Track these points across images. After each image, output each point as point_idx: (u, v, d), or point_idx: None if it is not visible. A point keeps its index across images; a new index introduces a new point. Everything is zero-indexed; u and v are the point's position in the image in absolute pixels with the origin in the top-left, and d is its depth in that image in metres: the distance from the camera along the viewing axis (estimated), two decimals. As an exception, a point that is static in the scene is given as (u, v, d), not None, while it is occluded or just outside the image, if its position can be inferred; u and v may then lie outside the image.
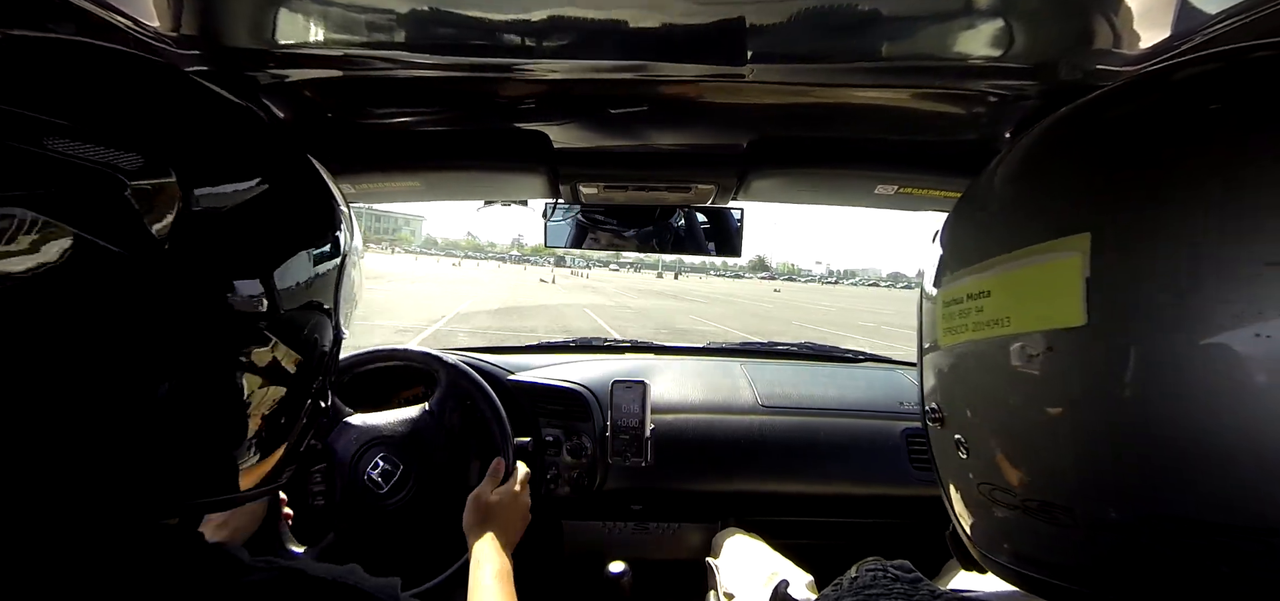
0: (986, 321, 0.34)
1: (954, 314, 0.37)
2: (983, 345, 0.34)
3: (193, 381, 0.34)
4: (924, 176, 1.05)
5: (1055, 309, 0.29)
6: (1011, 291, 0.32)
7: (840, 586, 0.46)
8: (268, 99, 0.86)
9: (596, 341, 1.77)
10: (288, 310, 0.39)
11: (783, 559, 1.02)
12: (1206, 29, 0.59)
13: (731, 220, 1.24)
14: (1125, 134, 0.31)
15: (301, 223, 0.42)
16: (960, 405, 0.38)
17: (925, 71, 0.74)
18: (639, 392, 1.26)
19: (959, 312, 0.36)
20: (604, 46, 0.70)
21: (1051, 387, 0.30)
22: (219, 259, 0.34)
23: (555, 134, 0.99)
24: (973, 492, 0.38)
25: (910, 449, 1.28)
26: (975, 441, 0.36)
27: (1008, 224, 0.35)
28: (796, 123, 0.94)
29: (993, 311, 0.33)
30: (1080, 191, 0.31)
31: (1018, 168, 0.38)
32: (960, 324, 0.36)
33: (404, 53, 0.72)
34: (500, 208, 1.31)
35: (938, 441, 0.42)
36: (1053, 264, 0.29)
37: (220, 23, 0.66)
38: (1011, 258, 0.32)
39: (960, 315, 0.36)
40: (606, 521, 1.36)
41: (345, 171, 1.06)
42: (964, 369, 0.37)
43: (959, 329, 0.36)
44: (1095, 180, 0.30)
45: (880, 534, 1.32)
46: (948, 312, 0.37)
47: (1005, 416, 0.34)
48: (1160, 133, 0.29)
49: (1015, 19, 0.62)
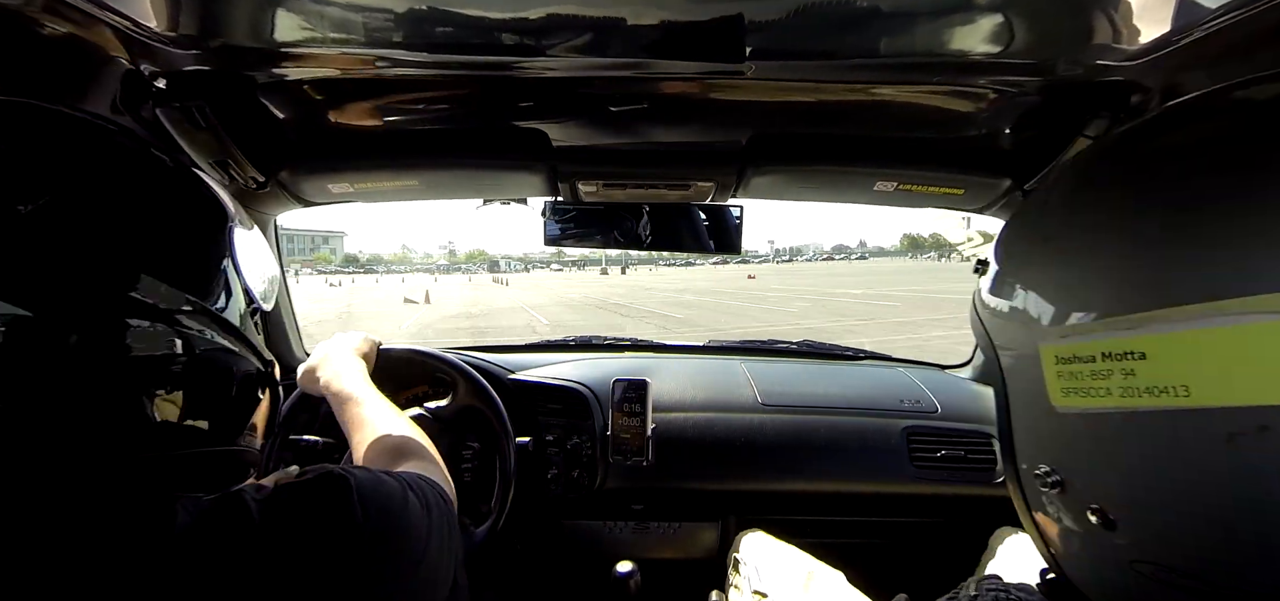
0: (1144, 389, 0.28)
1: (1082, 375, 0.31)
2: (1141, 417, 0.28)
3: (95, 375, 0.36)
4: (924, 173, 1.05)
5: (1268, 380, 0.23)
6: (1187, 357, 0.26)
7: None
8: (266, 98, 0.86)
9: (597, 340, 1.77)
10: (178, 296, 0.41)
11: (813, 558, 1.01)
12: (1205, 24, 0.59)
13: (730, 217, 1.24)
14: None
15: (163, 207, 0.43)
16: (1102, 479, 0.33)
17: (924, 68, 0.74)
18: (640, 391, 1.26)
19: (1091, 375, 0.30)
20: (603, 44, 0.70)
21: (1264, 470, 0.24)
22: (62, 250, 0.35)
23: (554, 132, 0.99)
24: (1116, 566, 0.33)
25: (910, 447, 1.28)
26: (1133, 520, 0.31)
27: (1162, 269, 0.28)
28: (795, 119, 0.94)
29: (1153, 378, 0.27)
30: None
31: (1164, 192, 0.31)
32: (1094, 387, 0.31)
33: (402, 52, 0.72)
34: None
35: (1050, 505, 0.37)
36: (1262, 325, 0.24)
37: (218, 22, 0.66)
38: (1184, 314, 0.26)
39: (1094, 377, 0.30)
40: (607, 521, 1.36)
41: (343, 170, 1.06)
42: (1108, 441, 0.31)
43: (1091, 393, 0.31)
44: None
45: (880, 531, 1.32)
46: (1069, 372, 0.32)
47: (1190, 501, 0.28)
48: None
49: (1015, 15, 0.62)
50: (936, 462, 1.26)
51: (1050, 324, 0.34)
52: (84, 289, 0.36)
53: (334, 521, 0.41)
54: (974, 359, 1.50)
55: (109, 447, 0.37)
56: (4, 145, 0.36)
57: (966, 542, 1.24)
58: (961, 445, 1.28)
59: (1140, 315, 0.28)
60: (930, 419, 1.33)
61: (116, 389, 0.37)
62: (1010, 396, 0.40)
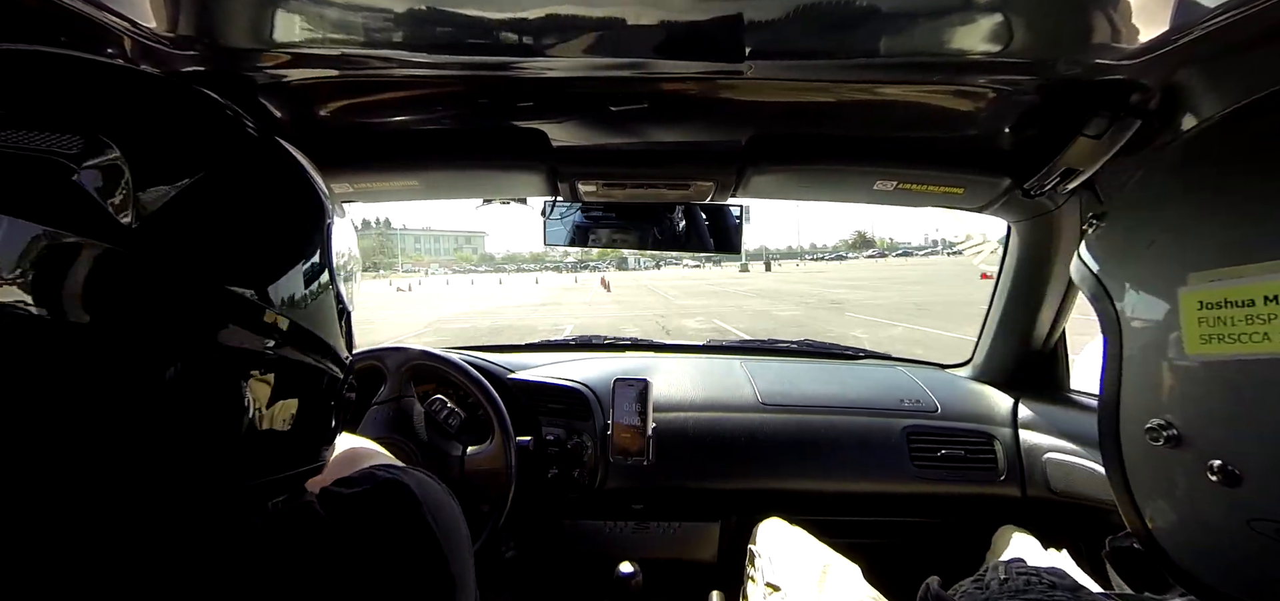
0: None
1: (1233, 320, 0.32)
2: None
3: (194, 366, 0.33)
4: (924, 172, 1.05)
5: None
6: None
7: (985, 585, 0.43)
8: (265, 99, 0.86)
9: (597, 340, 1.77)
10: (284, 288, 0.38)
11: (831, 550, 1.01)
12: (1205, 23, 0.59)
13: (730, 217, 1.24)
14: None
15: (276, 199, 0.41)
16: (1232, 429, 0.33)
17: (924, 67, 0.74)
18: (641, 391, 1.26)
19: (1244, 318, 0.31)
20: (603, 44, 0.69)
21: None
22: (195, 239, 0.33)
23: (554, 132, 0.99)
24: (1229, 525, 0.33)
25: (910, 446, 1.28)
26: (1260, 473, 0.32)
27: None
28: (795, 119, 0.94)
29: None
30: None
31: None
32: (1247, 333, 0.31)
33: (401, 52, 0.72)
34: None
35: (1157, 463, 0.37)
36: None
37: (217, 23, 0.66)
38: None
39: (1247, 321, 0.31)
40: (607, 521, 1.36)
41: (343, 171, 1.06)
42: (1247, 387, 0.32)
43: (1242, 338, 0.31)
44: None
45: (881, 531, 1.32)
46: (1215, 317, 0.32)
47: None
48: None
49: (1014, 14, 0.62)
50: (937, 462, 1.26)
51: (1198, 268, 0.34)
52: (200, 288, 0.33)
53: (409, 529, 0.41)
54: (974, 358, 1.50)
55: (206, 471, 0.35)
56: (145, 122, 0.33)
57: (967, 542, 1.24)
58: (961, 444, 1.28)
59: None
60: (930, 418, 1.33)
61: (219, 408, 0.35)
62: (1125, 350, 0.39)
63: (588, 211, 1.26)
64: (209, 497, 0.35)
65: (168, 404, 0.32)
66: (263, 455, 0.38)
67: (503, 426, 1.15)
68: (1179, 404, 0.35)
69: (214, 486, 0.35)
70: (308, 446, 0.43)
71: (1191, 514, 0.36)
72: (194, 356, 0.33)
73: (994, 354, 1.41)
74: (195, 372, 0.33)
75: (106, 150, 0.30)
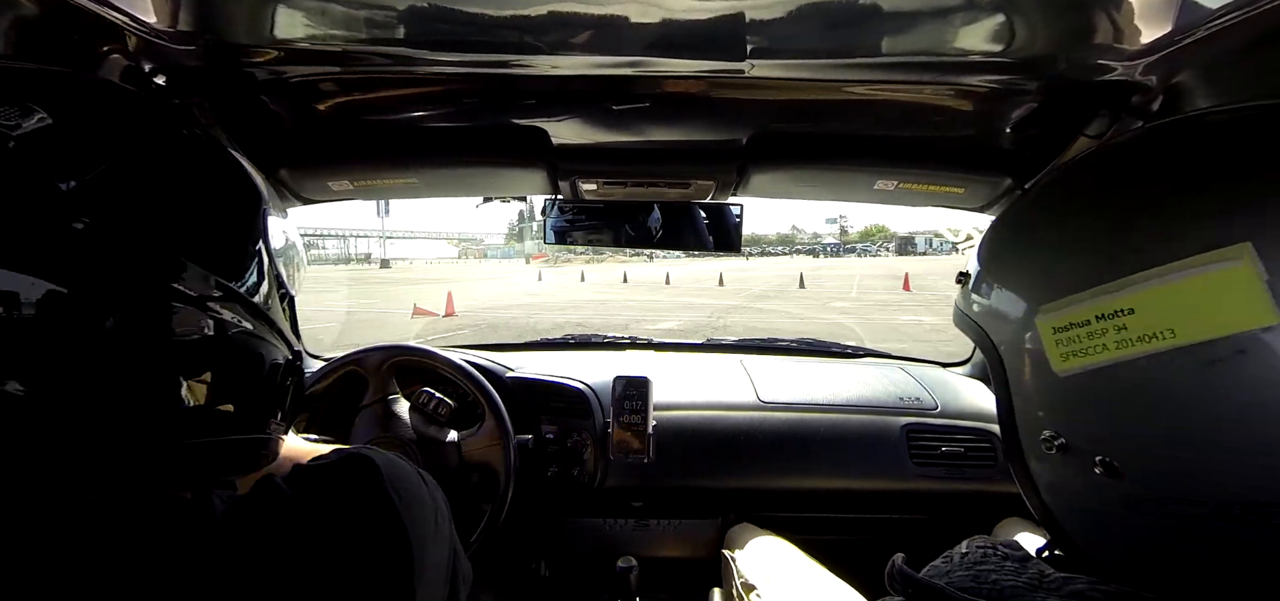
0: (1136, 337, 0.34)
1: (1079, 337, 0.37)
2: (1138, 362, 0.34)
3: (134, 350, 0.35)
4: (924, 172, 1.05)
5: (1241, 313, 0.30)
6: (1170, 305, 0.33)
7: (951, 560, 0.48)
8: (265, 95, 0.86)
9: (596, 338, 1.77)
10: (221, 260, 0.40)
11: (803, 554, 1.02)
12: (1208, 24, 0.59)
13: (730, 216, 1.24)
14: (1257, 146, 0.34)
15: (203, 187, 0.42)
16: (1103, 427, 0.38)
17: (925, 67, 0.74)
18: (641, 389, 1.26)
19: (1087, 335, 0.37)
20: (604, 43, 0.69)
21: (1241, 386, 0.31)
22: (124, 223, 0.34)
23: (554, 130, 0.99)
24: (1121, 514, 0.38)
25: (910, 444, 1.28)
26: (1133, 460, 0.36)
27: (1130, 241, 0.36)
28: (796, 118, 0.94)
29: (1143, 327, 0.34)
30: (1224, 202, 0.33)
31: (1128, 184, 0.39)
32: (1092, 346, 0.36)
33: (402, 49, 0.72)
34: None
35: (1055, 469, 0.42)
36: (1220, 272, 0.31)
37: (218, 19, 0.66)
38: (1157, 273, 0.33)
39: (1090, 336, 0.36)
40: (607, 519, 1.36)
41: (343, 167, 1.06)
42: (1105, 390, 0.37)
43: (1089, 351, 0.37)
44: (1241, 190, 0.33)
45: (881, 528, 1.32)
46: (1067, 337, 0.38)
47: (1180, 427, 0.34)
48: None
49: (1016, 14, 0.62)
50: (936, 459, 1.27)
51: (1046, 301, 0.40)
52: (126, 268, 0.34)
53: (369, 498, 0.41)
54: (974, 357, 1.51)
55: (145, 432, 0.36)
56: (48, 117, 0.34)
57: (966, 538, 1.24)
58: (961, 442, 1.28)
59: (1125, 278, 0.35)
60: (929, 416, 1.33)
61: (154, 372, 0.36)
62: (1010, 378, 0.45)
63: (587, 210, 1.25)
64: (149, 455, 0.36)
65: (103, 367, 0.33)
66: (200, 417, 0.39)
67: (493, 407, 1.15)
68: (1060, 415, 0.41)
69: (152, 446, 0.37)
70: (250, 414, 0.44)
71: (1093, 508, 0.40)
72: (127, 330, 0.34)
73: None
74: (129, 340, 0.35)
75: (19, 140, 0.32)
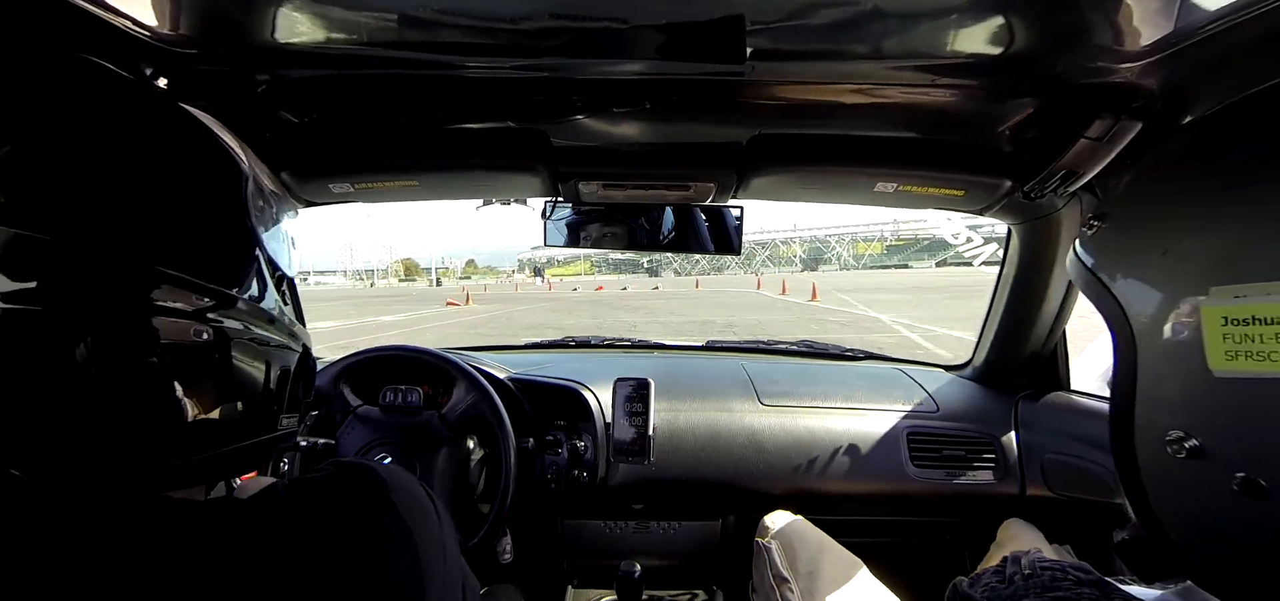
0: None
1: (1262, 337, 0.31)
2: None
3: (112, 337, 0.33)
4: (924, 174, 1.05)
5: None
6: None
7: (1007, 578, 0.43)
8: (267, 98, 0.86)
9: (597, 340, 1.77)
10: (200, 277, 0.38)
11: (836, 543, 1.03)
12: (1207, 27, 0.59)
13: (730, 218, 1.24)
14: None
15: (180, 163, 0.41)
16: (1256, 443, 0.32)
17: (925, 68, 0.74)
18: (642, 391, 1.26)
19: (1274, 337, 0.30)
20: (604, 45, 0.69)
21: None
22: (104, 213, 0.33)
23: (554, 132, 0.99)
24: (1252, 536, 0.33)
25: (911, 446, 1.28)
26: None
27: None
28: (796, 120, 0.94)
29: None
30: None
31: None
32: (1271, 352, 0.31)
33: (402, 52, 0.72)
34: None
35: (1177, 473, 0.37)
36: None
37: (219, 23, 0.66)
38: None
39: (1275, 340, 0.30)
40: (608, 521, 1.36)
41: (344, 171, 1.06)
42: (1271, 404, 0.31)
43: (1268, 357, 0.31)
44: None
45: (883, 530, 1.32)
46: (1240, 334, 0.32)
47: None
48: None
49: (1016, 16, 0.62)
50: (937, 462, 1.27)
51: (1219, 282, 0.33)
52: (110, 267, 0.33)
53: (373, 509, 0.41)
54: (974, 358, 1.50)
55: (152, 447, 0.35)
56: None
57: (968, 540, 1.24)
58: (962, 444, 1.28)
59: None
60: (931, 418, 1.33)
61: (145, 395, 0.35)
62: (1141, 361, 0.38)
63: (587, 212, 1.25)
64: (150, 469, 0.35)
65: (96, 377, 0.32)
66: (203, 431, 0.38)
67: (502, 427, 1.15)
68: (1202, 417, 0.35)
69: (154, 459, 0.36)
70: (259, 415, 0.43)
71: (1213, 522, 0.35)
72: (112, 330, 0.33)
73: (994, 354, 1.41)
74: (119, 345, 0.33)
75: None
